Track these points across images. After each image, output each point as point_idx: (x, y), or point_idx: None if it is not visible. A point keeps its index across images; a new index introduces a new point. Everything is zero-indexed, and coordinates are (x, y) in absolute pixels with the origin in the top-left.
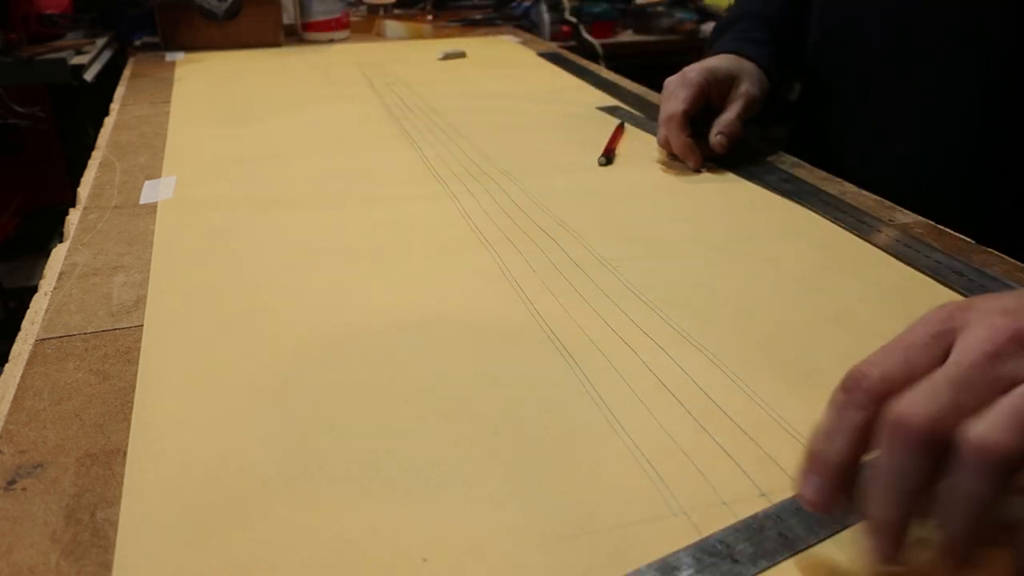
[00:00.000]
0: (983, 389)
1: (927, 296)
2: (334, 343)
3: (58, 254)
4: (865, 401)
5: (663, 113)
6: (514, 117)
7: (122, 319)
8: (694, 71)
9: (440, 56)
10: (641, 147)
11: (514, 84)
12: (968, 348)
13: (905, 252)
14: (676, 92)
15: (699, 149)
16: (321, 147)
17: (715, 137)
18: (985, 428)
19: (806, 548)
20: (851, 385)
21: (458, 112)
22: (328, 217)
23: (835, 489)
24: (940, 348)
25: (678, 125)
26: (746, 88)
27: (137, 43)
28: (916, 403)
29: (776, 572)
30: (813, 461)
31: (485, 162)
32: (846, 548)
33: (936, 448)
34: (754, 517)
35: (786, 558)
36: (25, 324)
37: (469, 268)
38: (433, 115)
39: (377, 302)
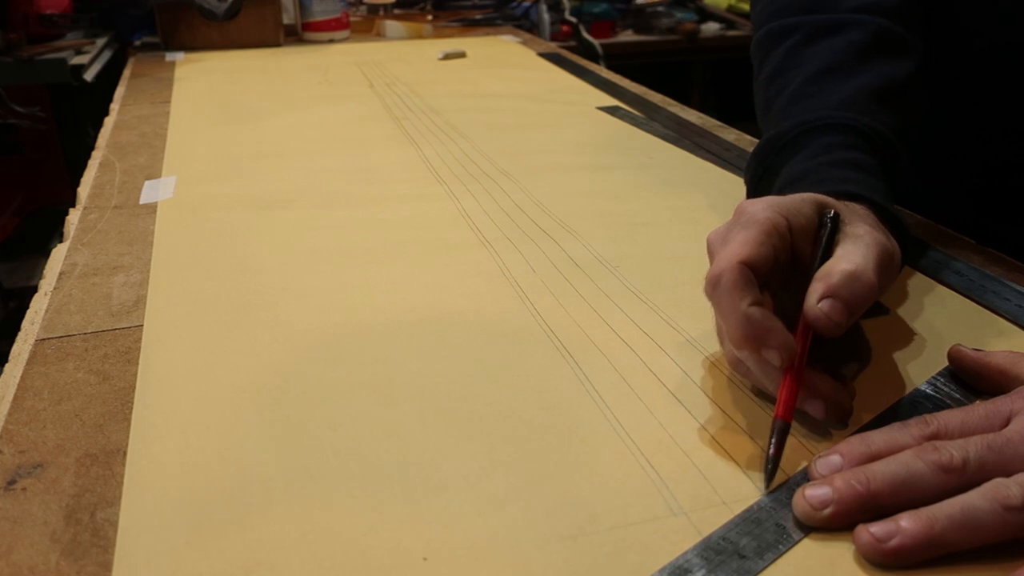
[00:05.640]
0: (1013, 459)
1: (927, 296)
2: (334, 343)
3: (58, 254)
4: (917, 434)
5: (708, 276)
6: (514, 117)
7: (122, 319)
8: (759, 205)
9: (440, 56)
10: (641, 147)
11: (514, 84)
12: (1015, 428)
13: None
14: (729, 236)
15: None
16: (321, 147)
17: (817, 305)
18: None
19: (804, 537)
20: (911, 422)
21: (458, 112)
22: (328, 217)
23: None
24: (999, 419)
25: (733, 284)
26: (866, 230)
27: (137, 43)
28: (954, 444)
29: (781, 562)
30: (839, 451)
31: (485, 162)
32: (841, 535)
33: (949, 474)
34: (749, 510)
35: (789, 548)
36: (25, 324)
37: (469, 268)
38: (433, 115)
39: (377, 302)
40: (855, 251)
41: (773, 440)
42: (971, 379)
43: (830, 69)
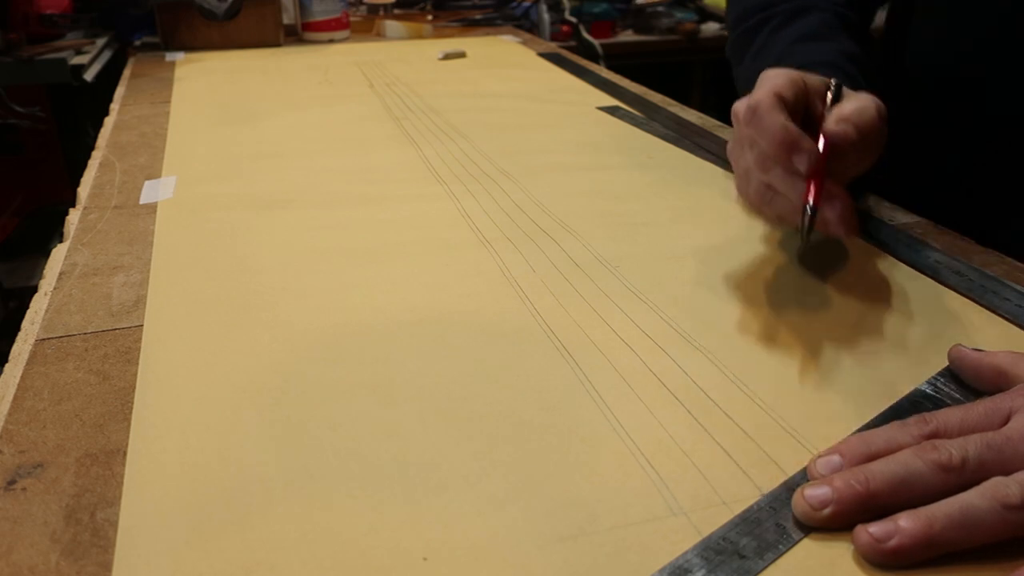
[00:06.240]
0: (1012, 457)
1: (927, 296)
2: (334, 343)
3: (58, 254)
4: (916, 433)
5: (746, 107)
6: (514, 117)
7: (122, 319)
8: (779, 69)
9: (440, 56)
10: (641, 147)
11: (514, 84)
12: (1014, 427)
13: (905, 252)
14: (759, 86)
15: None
16: (321, 147)
17: (837, 124)
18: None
19: (804, 537)
20: (910, 421)
21: (458, 112)
22: (328, 217)
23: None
24: (998, 417)
25: (771, 105)
26: (863, 93)
27: (137, 43)
28: (953, 443)
29: (782, 562)
30: (839, 450)
31: (485, 162)
32: (841, 534)
33: (949, 473)
34: (749, 510)
35: (789, 548)
36: (25, 324)
37: (469, 268)
38: (433, 115)
39: (377, 302)
40: (858, 99)
41: (807, 217)
42: (971, 379)
43: (805, 37)
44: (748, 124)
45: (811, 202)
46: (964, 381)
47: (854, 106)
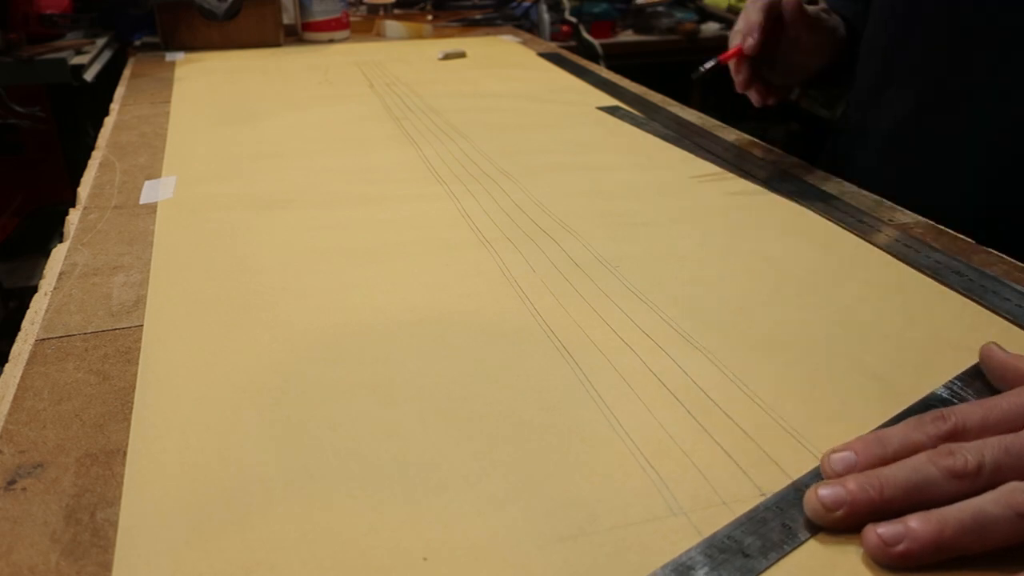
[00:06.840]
0: None
1: (927, 296)
2: (334, 343)
3: (58, 254)
4: (933, 432)
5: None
6: (514, 117)
7: (122, 319)
8: None
9: (440, 56)
10: (641, 147)
11: (514, 84)
12: None
13: (905, 252)
14: None
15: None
16: (321, 147)
17: (791, 6)
18: None
19: (810, 537)
20: (928, 418)
21: (458, 112)
22: (328, 217)
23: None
24: (1023, 417)
25: (764, 3)
26: (826, 7)
27: (137, 43)
28: (970, 448)
29: (785, 562)
30: (853, 448)
31: (485, 162)
32: (847, 537)
33: (963, 480)
34: (755, 510)
35: (794, 548)
36: (25, 324)
37: (469, 268)
38: (433, 115)
39: (377, 302)
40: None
41: (710, 64)
42: (995, 379)
43: None
44: (745, 7)
45: (718, 58)
46: (981, 387)
47: (812, 6)
